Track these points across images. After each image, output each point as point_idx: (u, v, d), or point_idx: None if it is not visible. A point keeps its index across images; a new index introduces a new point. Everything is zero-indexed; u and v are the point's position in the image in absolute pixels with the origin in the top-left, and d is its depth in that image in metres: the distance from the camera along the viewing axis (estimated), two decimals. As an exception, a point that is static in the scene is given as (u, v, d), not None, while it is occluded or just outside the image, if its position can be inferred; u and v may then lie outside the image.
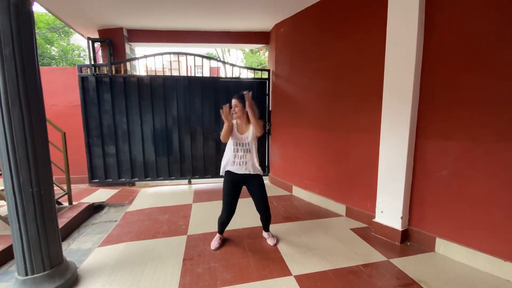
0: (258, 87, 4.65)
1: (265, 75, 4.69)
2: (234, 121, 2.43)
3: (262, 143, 4.80)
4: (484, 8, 2.02)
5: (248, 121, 2.38)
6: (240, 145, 2.37)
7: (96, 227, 3.16)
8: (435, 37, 2.31)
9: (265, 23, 4.32)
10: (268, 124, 4.67)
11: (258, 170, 2.43)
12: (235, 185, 2.44)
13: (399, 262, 2.26)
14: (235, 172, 2.39)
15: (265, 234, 2.71)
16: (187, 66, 4.57)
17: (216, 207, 3.57)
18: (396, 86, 2.51)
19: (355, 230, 2.89)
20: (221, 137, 2.35)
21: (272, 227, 2.95)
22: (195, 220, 3.18)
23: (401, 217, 2.57)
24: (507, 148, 1.96)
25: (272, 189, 4.37)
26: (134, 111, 4.39)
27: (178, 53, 4.37)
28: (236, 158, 2.37)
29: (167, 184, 4.75)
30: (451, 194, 2.30)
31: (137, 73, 4.68)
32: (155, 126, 4.46)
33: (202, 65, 5.09)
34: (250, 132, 2.37)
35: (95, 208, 3.67)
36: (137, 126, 4.42)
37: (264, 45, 4.77)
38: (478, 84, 2.09)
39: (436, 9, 2.28)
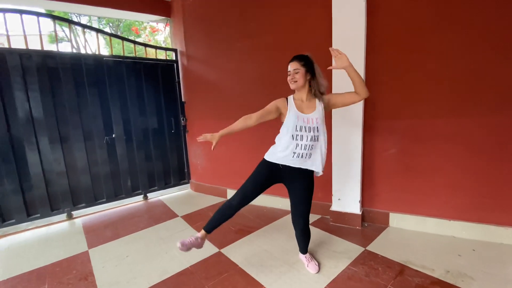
0: (163, 72, 3.58)
1: (169, 55, 3.68)
2: (290, 97, 1.74)
3: (177, 143, 3.81)
4: (419, -8, 2.15)
5: (313, 96, 1.72)
6: (305, 130, 1.64)
7: None
8: (378, 18, 2.30)
9: (163, -12, 3.31)
10: (183, 119, 3.73)
11: (321, 166, 1.75)
12: (272, 179, 1.81)
13: (376, 248, 2.19)
14: (291, 165, 1.72)
15: (302, 257, 2.02)
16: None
17: (134, 244, 2.45)
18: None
19: (314, 224, 2.68)
20: (245, 119, 1.75)
21: (228, 249, 2.31)
22: (107, 278, 2.00)
23: (359, 201, 2.55)
24: (446, 122, 2.20)
25: (198, 199, 3.55)
26: None
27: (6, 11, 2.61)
28: (297, 149, 1.65)
29: (28, 228, 2.92)
30: (400, 170, 2.45)
31: None
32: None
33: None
34: (320, 110, 1.68)
35: None
36: None
37: (163, 17, 3.69)
38: (419, 63, 2.23)
39: (377, -11, 2.27)
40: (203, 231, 1.88)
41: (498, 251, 2.02)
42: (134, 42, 3.39)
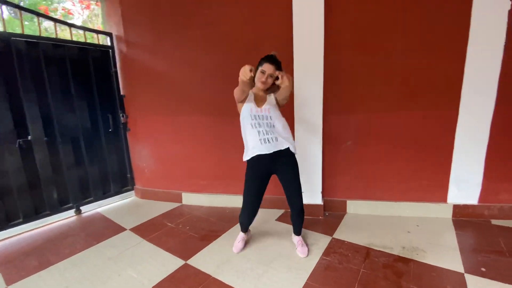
0: (95, 60, 2.97)
1: (99, 41, 3.09)
2: (250, 92, 1.89)
3: (117, 144, 3.25)
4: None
5: (266, 91, 1.92)
6: (260, 118, 1.83)
7: None
8: (333, 19, 2.37)
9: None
10: (123, 116, 3.20)
11: (292, 143, 1.90)
12: (263, 175, 1.91)
13: (340, 235, 2.31)
14: (265, 153, 1.81)
15: (295, 239, 2.15)
16: None
17: (73, 271, 1.98)
18: (308, 63, 2.42)
19: (280, 219, 2.68)
20: (235, 94, 1.81)
21: (195, 258, 2.09)
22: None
23: (321, 192, 2.66)
24: (392, 115, 2.46)
25: (148, 207, 3.13)
26: None
27: None
28: (261, 135, 1.81)
29: None
30: (355, 160, 2.64)
31: None
32: None
33: None
34: (271, 101, 1.89)
35: None
36: None
37: (91, -6, 3.07)
38: (368, 63, 2.42)
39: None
40: (241, 233, 2.18)
41: (436, 224, 2.39)
42: (55, 20, 2.70)
